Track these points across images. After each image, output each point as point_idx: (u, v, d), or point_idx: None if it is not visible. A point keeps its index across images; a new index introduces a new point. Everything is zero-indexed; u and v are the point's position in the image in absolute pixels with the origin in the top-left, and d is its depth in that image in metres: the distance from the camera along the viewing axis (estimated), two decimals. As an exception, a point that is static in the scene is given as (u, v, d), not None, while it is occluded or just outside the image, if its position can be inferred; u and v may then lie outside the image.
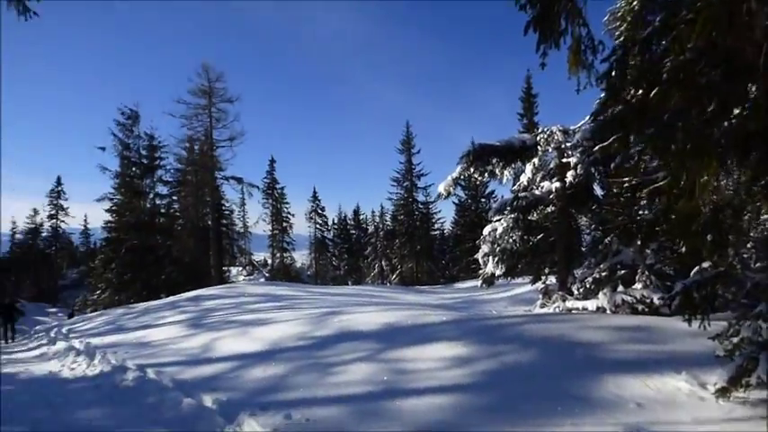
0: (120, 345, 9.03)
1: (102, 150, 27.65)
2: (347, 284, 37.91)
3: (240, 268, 40.54)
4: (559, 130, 10.18)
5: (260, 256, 45.35)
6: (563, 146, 10.16)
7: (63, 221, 46.07)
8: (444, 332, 6.22)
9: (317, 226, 45.76)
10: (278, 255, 42.43)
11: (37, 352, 11.02)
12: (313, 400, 4.62)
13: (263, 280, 33.05)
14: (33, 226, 44.98)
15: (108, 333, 11.25)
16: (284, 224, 42.44)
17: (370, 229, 52.87)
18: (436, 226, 40.91)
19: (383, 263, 42.98)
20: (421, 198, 38.36)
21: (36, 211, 45.10)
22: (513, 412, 4.03)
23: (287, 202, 43.08)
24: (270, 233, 42.00)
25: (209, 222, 30.86)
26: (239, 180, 30.97)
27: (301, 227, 46.16)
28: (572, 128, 10.17)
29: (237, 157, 36.72)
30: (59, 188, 45.50)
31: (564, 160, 10.09)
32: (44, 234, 45.52)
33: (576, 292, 9.54)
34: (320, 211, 45.81)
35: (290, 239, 43.12)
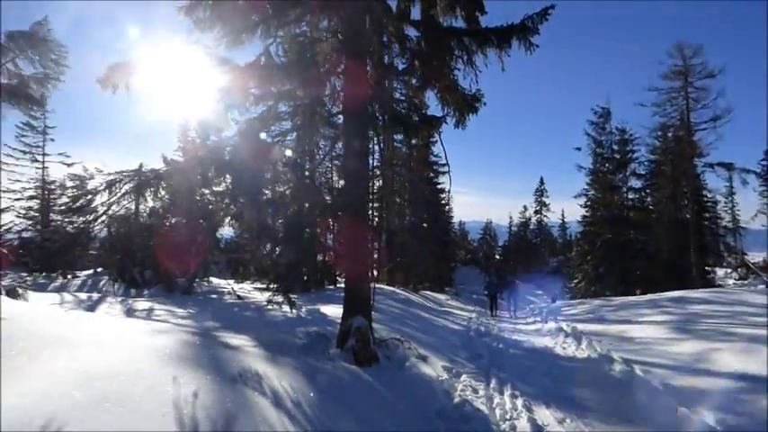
0: (602, 335, 9.47)
1: (578, 150, 29.87)
2: None
3: (728, 270, 34.29)
4: None
5: (757, 256, 36.81)
6: None
7: (545, 216, 53.27)
8: None
9: None
10: (786, 256, 33.15)
11: (533, 327, 13.12)
12: None
13: (762, 286, 26.68)
14: (523, 220, 54.19)
15: (589, 321, 12.03)
16: (797, 217, 32.70)
17: None
18: None
19: None
20: None
21: (525, 208, 54.14)
22: None
23: (800, 189, 33.00)
24: (772, 228, 33.36)
25: (688, 216, 27.66)
26: (728, 166, 26.21)
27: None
28: None
29: (723, 139, 30.61)
30: (542, 187, 52.91)
31: None
32: (531, 227, 53.93)
33: None
34: None
35: (806, 237, 32.87)
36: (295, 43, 7.18)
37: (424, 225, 30.16)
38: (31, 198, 22.14)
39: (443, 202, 35.15)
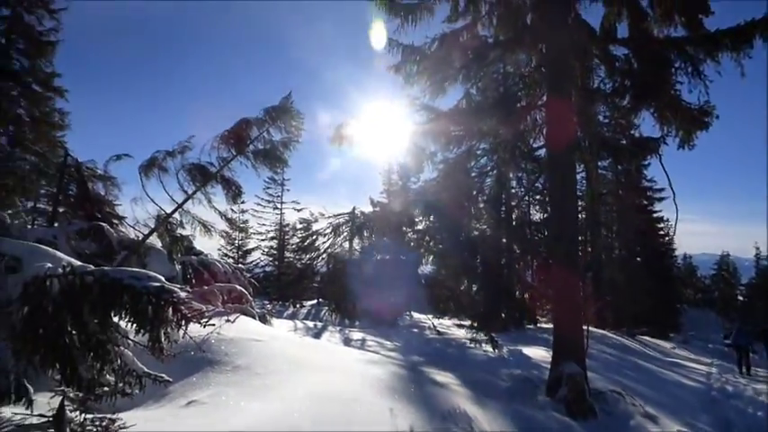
0: None
1: None
2: None
3: None
4: None
5: None
6: None
7: (811, 247, 41.59)
8: None
9: None
10: None
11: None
12: None
13: None
14: (778, 251, 43.23)
15: None
16: None
17: None
18: None
19: None
20: None
21: (780, 237, 43.21)
22: None
23: None
24: None
25: None
26: None
27: None
28: None
29: None
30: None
31: None
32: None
33: None
34: None
35: None
36: (492, 82, 7.29)
37: (638, 259, 26.52)
38: (272, 239, 26.92)
39: (662, 232, 30.55)
